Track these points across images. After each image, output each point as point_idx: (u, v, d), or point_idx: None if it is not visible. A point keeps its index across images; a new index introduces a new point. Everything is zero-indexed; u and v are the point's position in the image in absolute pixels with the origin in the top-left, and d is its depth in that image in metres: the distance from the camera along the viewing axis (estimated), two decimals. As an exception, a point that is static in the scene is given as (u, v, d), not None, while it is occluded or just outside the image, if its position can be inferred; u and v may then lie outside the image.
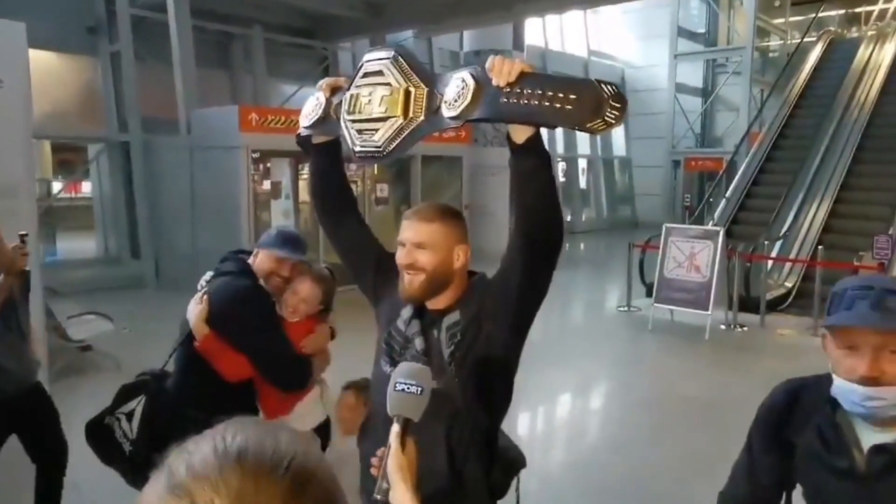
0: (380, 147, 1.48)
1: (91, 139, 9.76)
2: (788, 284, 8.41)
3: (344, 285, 2.27)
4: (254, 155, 8.36)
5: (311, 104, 1.66)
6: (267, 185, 10.12)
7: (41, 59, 8.48)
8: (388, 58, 1.50)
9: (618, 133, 19.94)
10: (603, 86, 1.29)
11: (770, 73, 18.29)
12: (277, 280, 2.25)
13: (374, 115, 1.49)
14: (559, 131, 17.32)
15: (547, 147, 1.46)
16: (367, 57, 1.56)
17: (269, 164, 10.09)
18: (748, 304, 7.58)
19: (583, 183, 19.02)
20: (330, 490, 0.56)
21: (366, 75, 1.54)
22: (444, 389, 1.50)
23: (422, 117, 1.44)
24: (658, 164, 18.68)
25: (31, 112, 5.80)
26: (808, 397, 1.31)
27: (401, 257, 1.56)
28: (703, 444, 4.34)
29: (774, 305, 7.89)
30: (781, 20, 19.00)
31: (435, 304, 1.59)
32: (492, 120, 1.40)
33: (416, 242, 1.55)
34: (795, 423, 1.31)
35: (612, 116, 1.28)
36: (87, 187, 11.05)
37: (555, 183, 1.47)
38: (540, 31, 16.75)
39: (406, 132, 1.45)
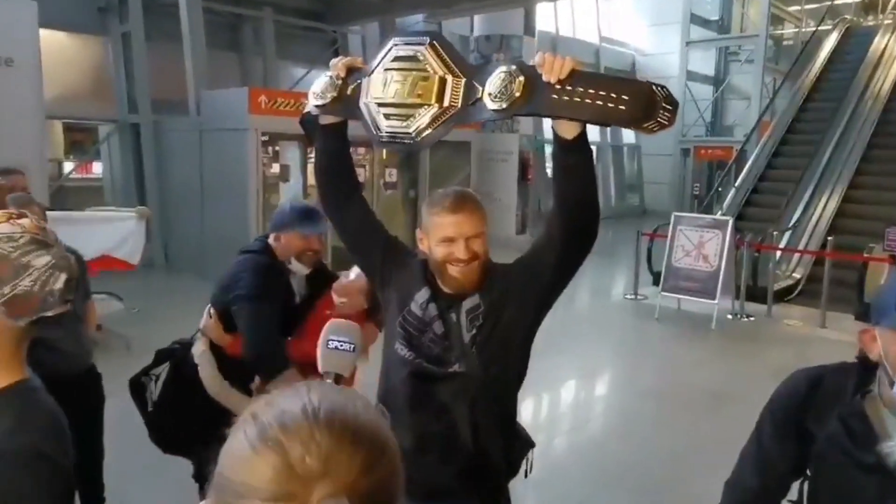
0: (411, 133, 1.48)
1: (101, 120, 9.77)
2: (797, 275, 8.39)
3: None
4: (263, 138, 8.35)
5: (324, 83, 1.63)
6: (276, 167, 10.14)
7: (52, 39, 8.48)
8: (422, 43, 1.49)
9: (627, 120, 19.78)
10: (655, 87, 1.31)
11: (783, 61, 18.08)
12: (311, 255, 2.30)
13: (406, 101, 1.48)
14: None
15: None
16: (396, 40, 1.53)
17: (277, 147, 10.11)
18: (756, 294, 7.57)
19: (591, 170, 18.93)
20: (396, 464, 0.59)
21: (397, 59, 1.51)
22: (467, 371, 1.55)
23: (458, 107, 1.43)
24: (667, 152, 18.56)
25: (42, 91, 5.84)
26: (830, 386, 1.27)
27: (460, 252, 1.56)
28: (709, 433, 4.37)
29: (782, 296, 7.88)
30: (797, 7, 18.73)
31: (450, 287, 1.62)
32: (542, 115, 1.39)
33: (475, 234, 1.58)
34: (816, 412, 1.27)
35: (665, 118, 1.31)
36: (97, 168, 11.09)
37: (596, 178, 1.52)
38: (551, 17, 16.59)
39: (441, 121, 1.45)
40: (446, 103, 1.43)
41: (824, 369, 1.33)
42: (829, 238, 7.59)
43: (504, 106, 1.35)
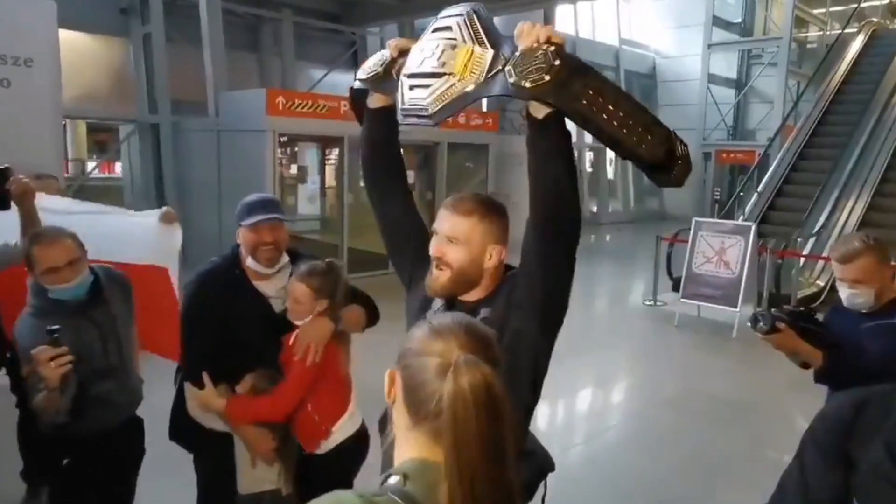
0: (426, 105, 1.37)
1: (122, 120, 9.86)
2: (821, 283, 8.20)
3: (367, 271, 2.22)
4: (281, 139, 8.36)
5: (374, 60, 1.57)
6: (294, 168, 10.16)
7: (74, 40, 8.57)
8: (461, 14, 1.39)
9: (647, 124, 19.60)
10: (680, 140, 1.29)
11: (807, 64, 17.78)
12: (266, 249, 2.11)
13: (430, 71, 1.38)
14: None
15: (575, 136, 1.38)
16: (442, 13, 1.45)
17: (296, 149, 10.12)
18: (778, 301, 7.41)
19: (610, 173, 18.77)
20: (500, 353, 0.99)
21: (435, 31, 1.43)
22: None
23: (480, 79, 1.32)
24: (688, 156, 18.33)
25: (61, 92, 5.86)
26: (873, 410, 1.18)
27: (432, 247, 1.50)
28: (731, 445, 4.26)
29: (806, 303, 7.70)
30: (821, 10, 18.42)
31: (467, 296, 1.54)
32: (558, 108, 1.27)
33: (448, 236, 1.48)
34: (859, 437, 1.18)
35: (678, 173, 1.30)
36: (119, 167, 11.21)
37: (574, 167, 1.38)
38: (571, 19, 16.49)
39: (457, 93, 1.34)
40: (467, 74, 1.33)
41: (870, 392, 1.23)
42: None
43: (525, 85, 1.23)
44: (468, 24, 1.37)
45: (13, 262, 2.22)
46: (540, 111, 1.31)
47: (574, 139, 1.39)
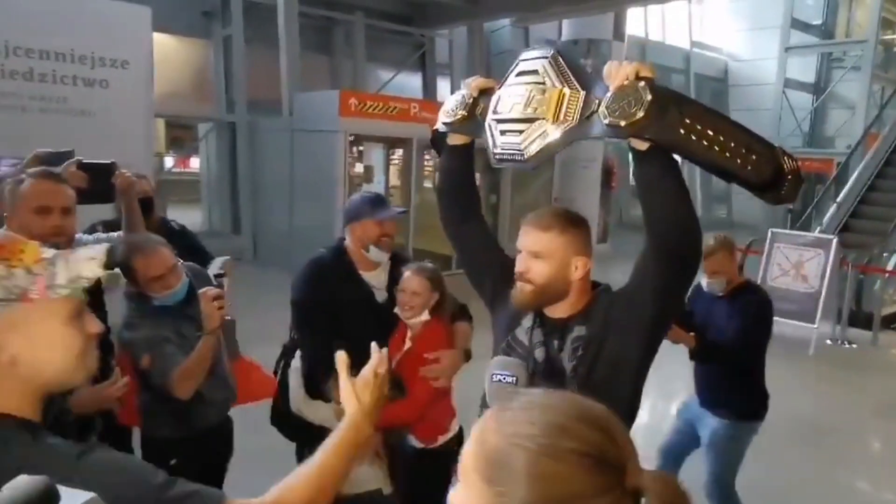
0: (521, 150, 1.40)
1: (201, 118, 10.28)
2: (906, 300, 7.79)
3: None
4: (350, 139, 8.54)
5: (455, 101, 1.60)
6: (359, 167, 10.34)
7: (160, 42, 8.98)
8: (545, 57, 1.42)
9: (717, 129, 19.03)
10: (787, 155, 1.29)
11: (894, 69, 16.86)
12: (386, 240, 2.32)
13: (521, 116, 1.41)
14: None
15: None
16: (522, 56, 1.48)
17: (362, 148, 10.31)
18: (858, 318, 7.08)
19: (676, 179, 18.34)
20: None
21: (520, 74, 1.46)
22: None
23: (573, 122, 1.34)
24: (759, 163, 17.69)
25: (153, 93, 6.19)
26: None
27: (518, 265, 1.52)
28: (806, 467, 4.10)
29: (888, 322, 7.33)
30: (910, 11, 17.46)
31: (554, 311, 1.54)
32: (661, 144, 1.28)
33: (531, 251, 1.50)
34: None
35: (789, 190, 1.30)
36: (194, 163, 11.69)
37: (684, 192, 1.35)
38: (641, 21, 16.16)
39: (552, 136, 1.36)
40: (561, 118, 1.35)
41: None
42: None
43: (621, 124, 1.24)
44: (554, 66, 1.39)
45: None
46: (642, 144, 1.31)
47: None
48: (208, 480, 1.07)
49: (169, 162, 11.42)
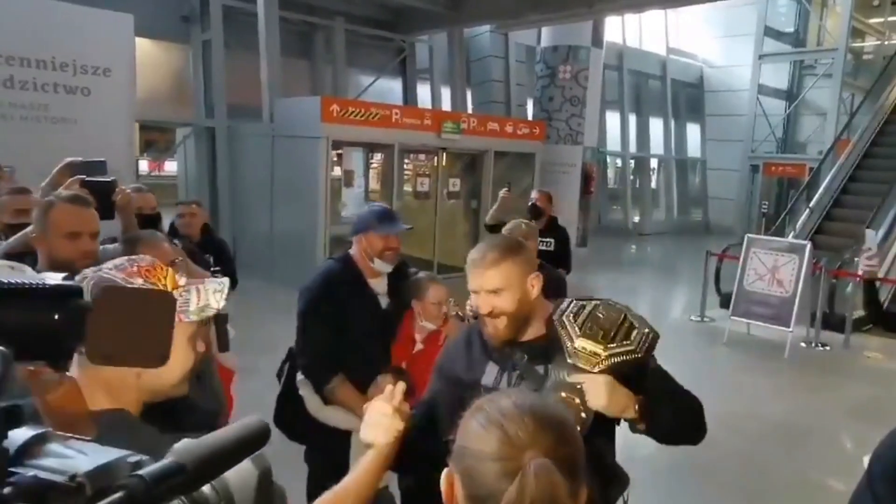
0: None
1: (180, 123, 10.19)
2: (876, 304, 7.99)
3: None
4: (335, 150, 8.53)
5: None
6: (337, 171, 10.29)
7: (138, 46, 8.88)
8: None
9: (693, 134, 19.36)
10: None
11: (863, 77, 17.30)
12: (390, 252, 2.41)
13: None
14: (631, 127, 16.87)
15: (619, 146, 1.41)
16: None
17: (340, 151, 10.28)
18: (831, 321, 7.26)
19: (654, 183, 18.58)
20: (580, 444, 0.84)
21: None
22: None
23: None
24: (734, 167, 18.02)
25: (135, 99, 6.14)
26: None
27: (480, 306, 1.55)
28: (784, 470, 4.20)
29: (860, 325, 7.53)
30: (879, 20, 17.92)
31: (528, 336, 1.58)
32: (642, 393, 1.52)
33: (491, 290, 1.53)
34: None
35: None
36: (170, 166, 11.56)
37: (692, 420, 1.62)
38: (619, 28, 16.38)
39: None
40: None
41: None
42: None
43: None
44: None
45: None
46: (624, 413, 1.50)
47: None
48: None
49: (143, 165, 11.27)
